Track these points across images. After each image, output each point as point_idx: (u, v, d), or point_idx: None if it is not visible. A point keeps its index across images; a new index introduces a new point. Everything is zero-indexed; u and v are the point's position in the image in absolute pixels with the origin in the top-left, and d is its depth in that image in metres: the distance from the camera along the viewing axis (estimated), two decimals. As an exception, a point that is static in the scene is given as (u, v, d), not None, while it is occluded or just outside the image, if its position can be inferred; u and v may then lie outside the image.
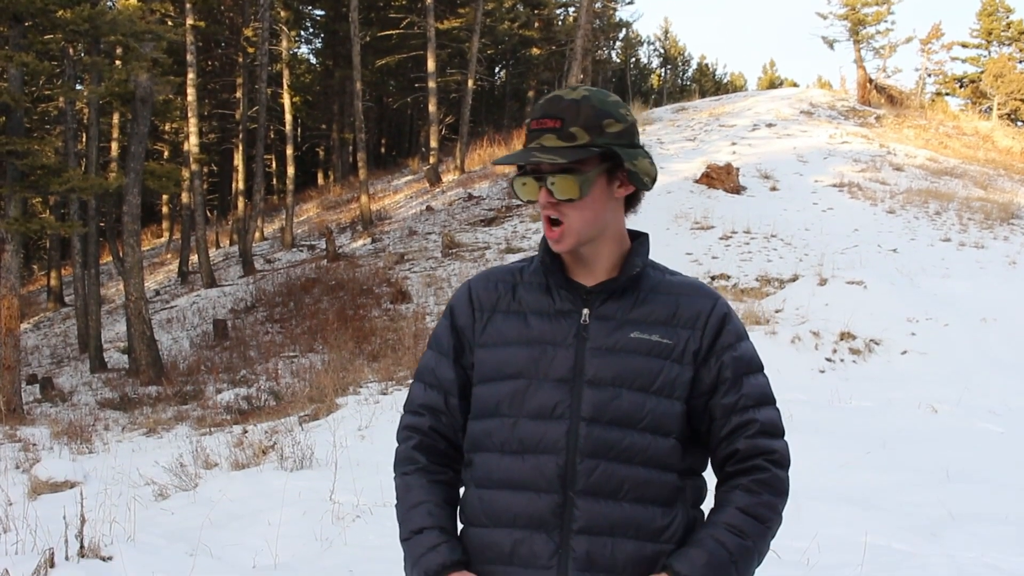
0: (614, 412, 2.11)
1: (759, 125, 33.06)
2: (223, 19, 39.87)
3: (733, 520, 2.11)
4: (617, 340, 2.15)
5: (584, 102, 2.10)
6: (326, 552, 6.50)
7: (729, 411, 2.17)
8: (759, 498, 2.13)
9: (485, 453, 2.20)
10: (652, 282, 2.23)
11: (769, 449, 2.17)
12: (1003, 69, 45.59)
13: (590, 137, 2.08)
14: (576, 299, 2.20)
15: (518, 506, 2.13)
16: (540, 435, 2.12)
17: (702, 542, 2.10)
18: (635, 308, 2.19)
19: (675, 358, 2.16)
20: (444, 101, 42.38)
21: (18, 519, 6.79)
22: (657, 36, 74.50)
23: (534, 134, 2.10)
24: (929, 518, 6.51)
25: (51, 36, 19.14)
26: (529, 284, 2.26)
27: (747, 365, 2.21)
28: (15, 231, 16.23)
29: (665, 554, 2.12)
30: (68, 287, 34.90)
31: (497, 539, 2.15)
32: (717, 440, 2.20)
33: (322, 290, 22.48)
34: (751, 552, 2.11)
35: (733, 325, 2.23)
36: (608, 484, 2.10)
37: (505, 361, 2.19)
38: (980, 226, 20.92)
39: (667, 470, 2.14)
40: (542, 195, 2.11)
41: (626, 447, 2.10)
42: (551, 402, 2.13)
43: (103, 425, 14.28)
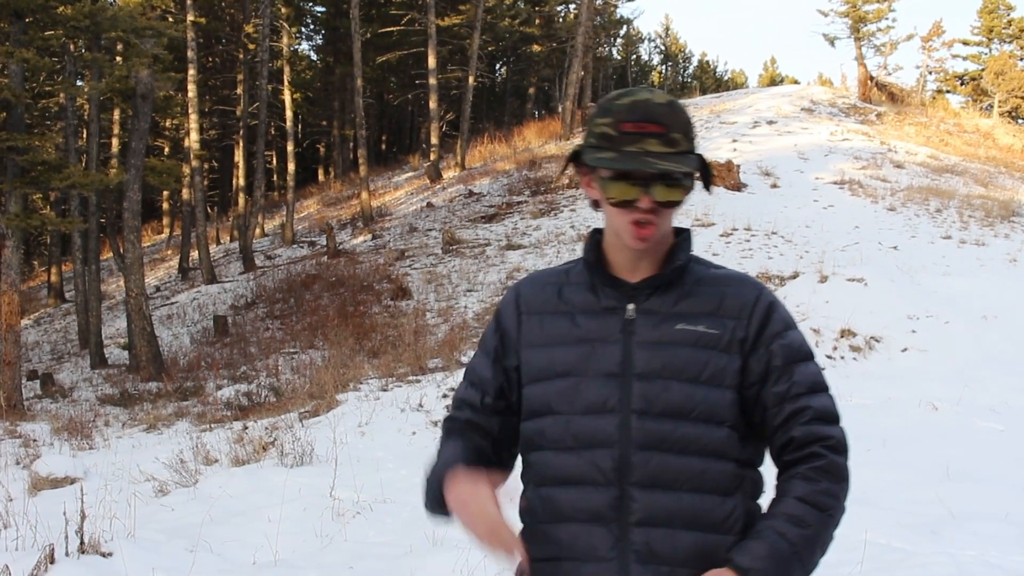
0: (664, 403, 2.12)
1: (760, 122, 33.05)
2: (224, 15, 39.87)
3: (793, 510, 2.10)
4: (664, 333, 2.16)
5: (675, 107, 2.10)
6: (326, 548, 6.50)
7: (781, 399, 2.17)
8: (818, 486, 2.12)
9: (540, 452, 2.22)
10: (696, 275, 2.24)
11: (825, 435, 2.17)
12: (1004, 67, 45.59)
13: (686, 143, 2.10)
14: (621, 295, 2.21)
15: (576, 501, 2.15)
16: (593, 430, 2.14)
17: (762, 534, 2.09)
18: (680, 301, 2.19)
19: (722, 348, 2.16)
20: (445, 98, 42.35)
21: (18, 515, 6.78)
22: (658, 33, 74.49)
23: (632, 137, 2.07)
24: (929, 517, 6.51)
25: (52, 32, 19.14)
26: (575, 284, 2.27)
27: (796, 353, 2.21)
28: (16, 227, 16.23)
29: (725, 545, 2.12)
30: (68, 283, 34.91)
31: (557, 534, 2.17)
32: (772, 429, 2.19)
33: (322, 286, 22.49)
34: (814, 541, 2.10)
35: (780, 314, 2.23)
36: (664, 475, 2.11)
37: (554, 360, 2.20)
38: (981, 224, 20.91)
39: (723, 459, 2.14)
40: (644, 200, 2.08)
41: (679, 437, 2.11)
42: (601, 397, 2.14)
43: (103, 421, 14.30)
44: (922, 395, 10.84)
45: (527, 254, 21.23)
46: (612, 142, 2.09)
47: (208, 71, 41.35)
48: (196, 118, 30.15)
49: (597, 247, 2.26)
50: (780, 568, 2.05)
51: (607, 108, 2.12)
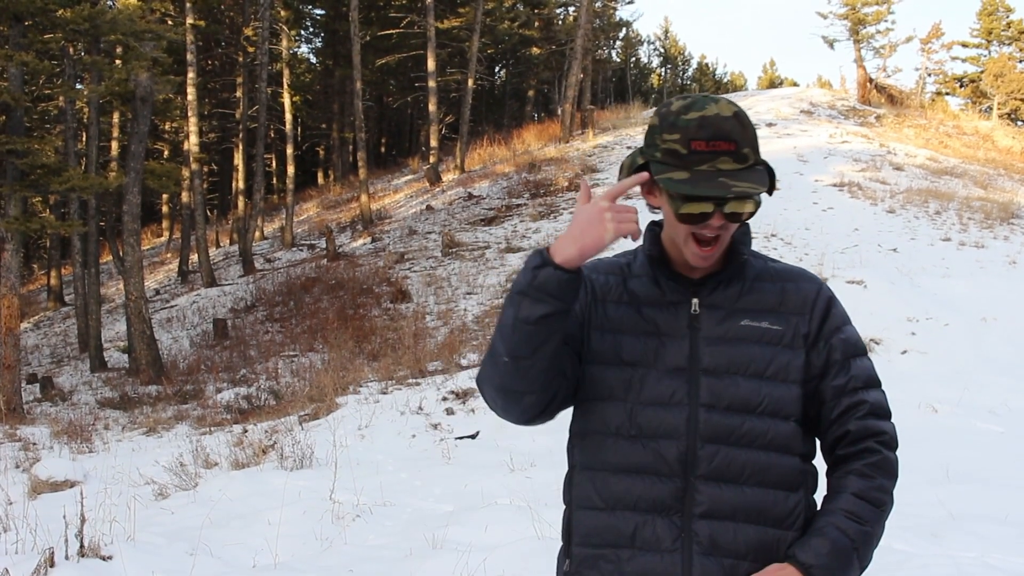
0: (731, 398, 2.14)
1: (759, 124, 33.04)
2: (223, 18, 39.87)
3: (850, 506, 2.14)
4: (728, 329, 2.18)
5: (741, 119, 2.07)
6: (326, 551, 6.50)
7: (839, 392, 2.21)
8: (873, 482, 2.18)
9: (599, 436, 2.21)
10: (756, 270, 2.27)
11: (879, 430, 2.23)
12: (1003, 69, 45.60)
13: (755, 157, 2.09)
14: (684, 290, 2.22)
15: (639, 490, 2.15)
16: (659, 421, 2.15)
17: (823, 531, 2.12)
18: (743, 296, 2.22)
19: (786, 343, 2.19)
20: (444, 100, 42.39)
21: (18, 518, 6.78)
22: (657, 35, 74.64)
23: (705, 156, 2.04)
24: (929, 518, 6.51)
25: (51, 35, 19.16)
26: (637, 276, 2.28)
27: (854, 347, 2.25)
28: (15, 230, 16.23)
29: (786, 540, 2.15)
30: (68, 286, 34.91)
31: (616, 522, 2.16)
32: (828, 422, 2.23)
33: (322, 289, 22.49)
34: (870, 537, 2.14)
35: (838, 309, 2.28)
36: (730, 469, 2.12)
37: (621, 347, 2.20)
38: (980, 226, 20.91)
39: (788, 454, 2.17)
40: (715, 219, 2.08)
41: (746, 431, 2.13)
42: (668, 390, 2.16)
43: (103, 424, 14.29)
44: (922, 397, 10.85)
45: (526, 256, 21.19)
46: (682, 160, 2.06)
47: (207, 74, 41.35)
48: (195, 121, 30.14)
49: (657, 241, 2.27)
50: (841, 564, 2.09)
51: (674, 123, 2.08)
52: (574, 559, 2.23)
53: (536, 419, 2.23)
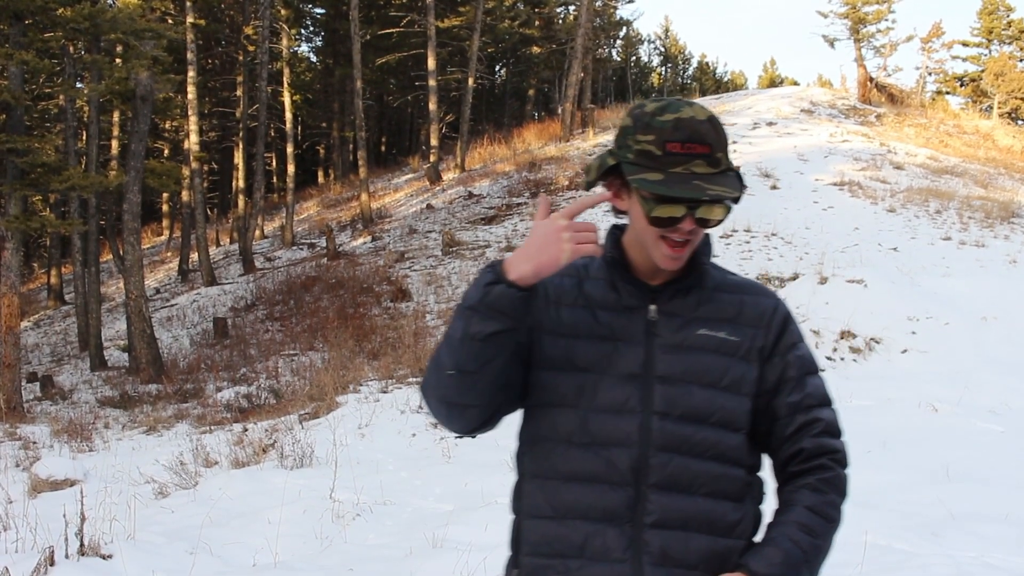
0: (685, 407, 2.12)
1: (759, 123, 33.05)
2: (223, 17, 39.87)
3: (803, 519, 2.13)
4: (685, 337, 2.16)
5: (715, 123, 2.07)
6: (326, 550, 6.50)
7: (794, 410, 2.19)
8: (826, 497, 2.16)
9: (550, 443, 2.18)
10: (715, 280, 2.24)
11: (833, 448, 2.21)
12: (1004, 68, 45.60)
13: (727, 162, 2.08)
14: (642, 295, 2.19)
15: (590, 499, 2.12)
16: (612, 428, 2.12)
17: (776, 541, 2.11)
18: (701, 305, 2.20)
19: (742, 355, 2.17)
20: (444, 99, 42.36)
21: (18, 517, 6.78)
22: (657, 34, 74.61)
23: (679, 158, 2.03)
24: (929, 518, 6.51)
25: (51, 34, 19.16)
26: (594, 280, 2.24)
27: (809, 365, 2.24)
28: (15, 229, 16.23)
29: (736, 550, 2.14)
30: (68, 285, 34.92)
31: (566, 532, 2.13)
32: (781, 439, 2.21)
33: (322, 288, 22.49)
34: (821, 550, 2.13)
35: (794, 326, 2.26)
36: (682, 478, 2.10)
37: (575, 352, 2.17)
38: (980, 225, 20.91)
39: (737, 465, 2.16)
40: (687, 222, 2.06)
41: (699, 441, 2.11)
42: (622, 397, 2.12)
43: (103, 423, 14.29)
44: (922, 396, 10.85)
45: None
46: (656, 162, 2.04)
47: (208, 73, 41.34)
48: (196, 120, 30.15)
49: (618, 245, 2.23)
50: (791, 574, 2.08)
51: (648, 124, 2.06)
52: (523, 569, 2.20)
53: (478, 430, 2.21)
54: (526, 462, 2.26)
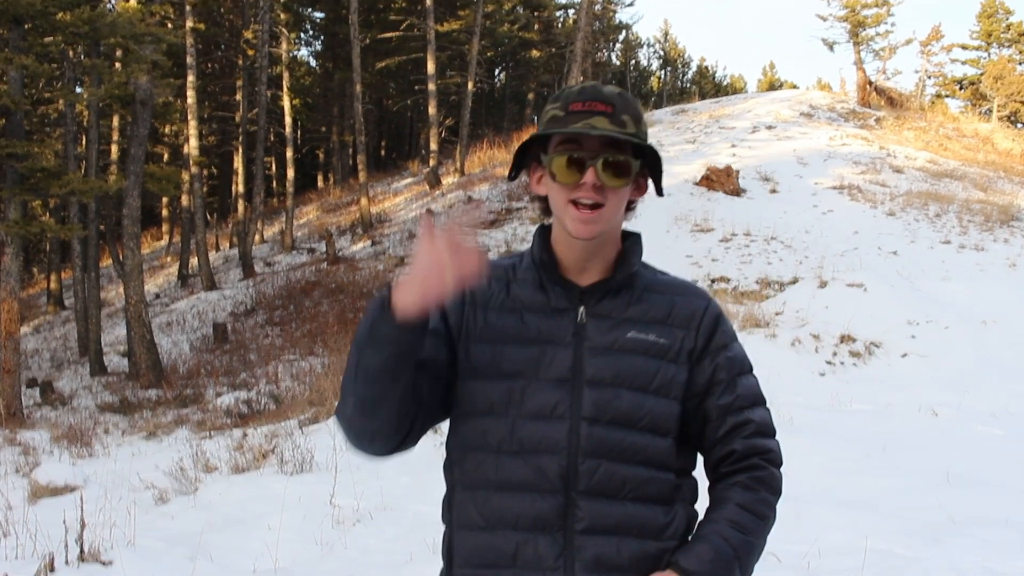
0: (614, 412, 2.09)
1: (759, 127, 33.07)
2: (223, 21, 39.89)
3: (734, 516, 2.11)
4: (615, 339, 2.13)
5: (625, 95, 2.10)
6: (326, 556, 6.50)
7: (725, 412, 2.17)
8: (757, 495, 2.15)
9: (479, 452, 2.15)
10: (645, 281, 2.22)
11: (765, 448, 2.19)
12: (1003, 71, 45.63)
13: (636, 128, 2.07)
14: (572, 297, 2.16)
15: (520, 508, 2.09)
16: (541, 435, 2.09)
17: (707, 538, 2.10)
18: (630, 307, 2.17)
19: (671, 358, 2.15)
20: (444, 103, 42.37)
21: (18, 523, 6.78)
22: (657, 38, 74.69)
23: (580, 115, 2.05)
24: (930, 522, 6.50)
25: (51, 38, 19.16)
26: (522, 281, 2.21)
27: (740, 365, 2.22)
28: (15, 234, 16.23)
29: (668, 551, 2.12)
30: (68, 290, 34.90)
31: (497, 542, 2.11)
32: (712, 441, 2.20)
33: (322, 293, 22.49)
34: (753, 547, 2.12)
35: (726, 325, 2.23)
36: (610, 484, 2.09)
37: (502, 359, 2.14)
38: (980, 228, 20.92)
39: (665, 469, 2.14)
40: (589, 175, 2.05)
41: (627, 447, 2.09)
42: (551, 402, 2.10)
43: (103, 429, 14.28)
44: (922, 400, 10.84)
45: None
46: (560, 122, 2.07)
47: (207, 77, 41.34)
48: (195, 124, 30.17)
49: (547, 245, 2.21)
50: (723, 571, 2.07)
51: (557, 96, 2.13)
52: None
53: (394, 452, 2.17)
54: (456, 472, 2.22)
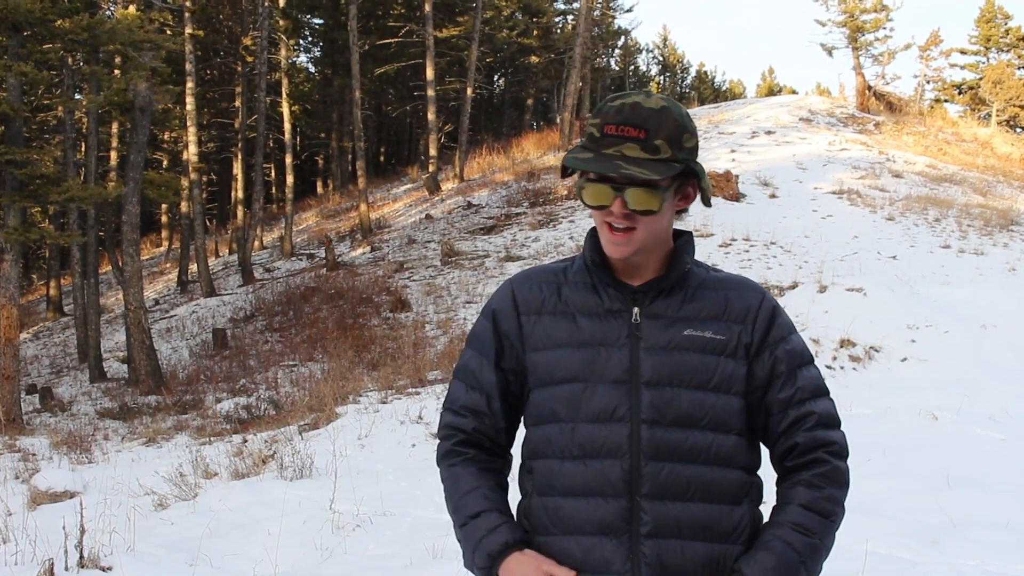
0: (675, 412, 2.09)
1: (758, 132, 33.09)
2: (222, 28, 39.96)
3: (798, 518, 2.10)
4: (671, 338, 2.13)
5: (666, 113, 2.06)
6: (326, 561, 6.48)
7: (786, 405, 2.16)
8: (822, 492, 2.12)
9: (546, 460, 2.17)
10: (699, 279, 2.22)
11: (828, 440, 2.17)
12: (1002, 75, 45.65)
13: (672, 151, 2.05)
14: (625, 298, 2.17)
15: (585, 512, 2.10)
16: (602, 439, 2.10)
17: (769, 544, 2.08)
18: (685, 305, 2.17)
19: (729, 353, 2.15)
20: (443, 109, 42.40)
21: (17, 529, 6.77)
22: (656, 44, 74.80)
23: (612, 140, 2.04)
24: (930, 525, 6.50)
25: (50, 46, 19.16)
26: (574, 284, 2.22)
27: (800, 357, 2.21)
28: (14, 240, 16.22)
29: (734, 554, 2.11)
30: (67, 297, 34.90)
31: (567, 547, 2.12)
32: (775, 435, 2.19)
33: (321, 299, 22.48)
34: (819, 549, 2.10)
35: (783, 318, 2.23)
36: (675, 486, 2.08)
37: (558, 364, 2.16)
38: (980, 233, 20.92)
39: (732, 467, 2.13)
40: (617, 205, 2.05)
41: (690, 447, 2.09)
42: (610, 405, 2.10)
43: (103, 435, 14.27)
44: (922, 404, 10.83)
45: (526, 265, 21.21)
46: (595, 143, 2.07)
47: (206, 84, 41.39)
48: (194, 131, 30.18)
49: (598, 247, 2.21)
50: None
51: (600, 109, 2.10)
52: None
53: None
54: (527, 481, 2.25)
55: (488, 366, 2.26)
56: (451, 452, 2.29)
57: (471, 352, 2.31)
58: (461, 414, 2.29)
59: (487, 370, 2.26)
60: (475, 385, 2.28)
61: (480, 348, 2.29)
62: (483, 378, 2.27)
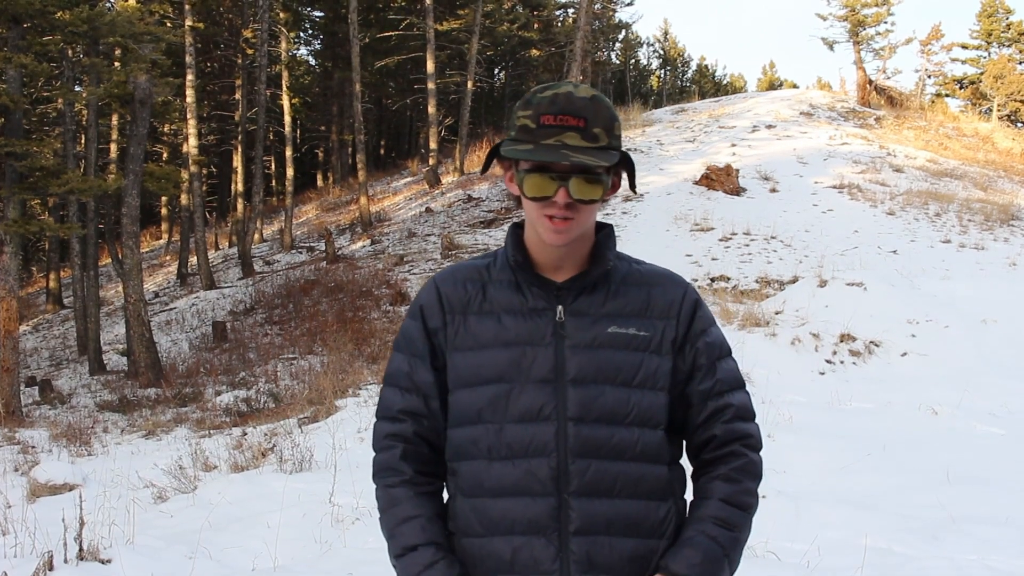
0: (600, 409, 2.09)
1: (759, 126, 33.06)
2: (222, 20, 39.88)
3: (720, 513, 2.13)
4: (595, 336, 2.13)
5: (598, 102, 2.06)
6: (325, 554, 6.48)
7: (706, 396, 2.18)
8: (740, 486, 2.16)
9: (472, 461, 2.15)
10: (621, 273, 2.21)
11: (745, 433, 2.20)
12: (1003, 70, 45.61)
13: (608, 139, 2.05)
14: (549, 296, 2.16)
15: (514, 512, 2.10)
16: (529, 438, 2.09)
17: (694, 540, 2.10)
18: (608, 301, 2.16)
19: (653, 349, 2.15)
20: (443, 102, 42.35)
21: (17, 522, 6.77)
22: (657, 37, 74.64)
23: (550, 130, 2.03)
24: (929, 520, 6.50)
25: (50, 37, 19.12)
26: (498, 282, 2.21)
27: (719, 350, 2.23)
28: (14, 233, 16.21)
29: (660, 550, 2.13)
30: (67, 289, 34.87)
31: (495, 548, 2.11)
32: (694, 426, 2.21)
33: (321, 292, 22.47)
34: (739, 541, 2.14)
35: (704, 311, 2.24)
36: (602, 483, 2.08)
37: (483, 365, 2.14)
38: (980, 228, 20.92)
39: (657, 463, 2.14)
40: (560, 195, 2.04)
41: (616, 444, 2.09)
42: (536, 404, 2.10)
43: (102, 427, 14.26)
44: (922, 399, 10.83)
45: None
46: (531, 135, 2.06)
47: (206, 76, 41.33)
48: (194, 123, 30.16)
49: (520, 244, 2.20)
50: (713, 571, 2.08)
51: (529, 100, 2.10)
52: None
53: None
54: (454, 482, 2.22)
55: (422, 366, 2.23)
56: (389, 470, 2.24)
57: (400, 356, 2.27)
58: (399, 419, 2.25)
59: (422, 370, 2.23)
60: (409, 388, 2.24)
61: (411, 349, 2.25)
62: (418, 379, 2.23)
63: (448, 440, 2.22)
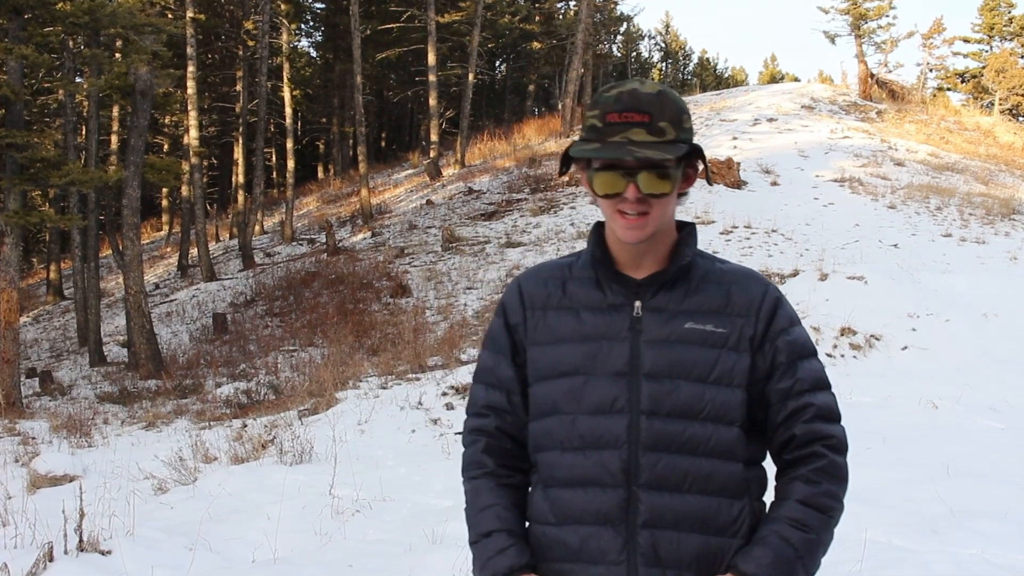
0: (673, 404, 2.10)
1: (760, 120, 33.03)
2: (223, 12, 39.82)
3: (795, 514, 2.11)
4: (672, 331, 2.14)
5: (664, 96, 2.07)
6: (325, 546, 6.48)
7: (785, 396, 2.17)
8: (819, 488, 2.13)
9: (547, 452, 2.20)
10: (702, 271, 2.22)
11: (826, 434, 2.17)
12: (1005, 64, 45.56)
13: (676, 132, 2.07)
14: (628, 292, 2.18)
15: (584, 502, 2.13)
16: (601, 430, 2.12)
17: (766, 540, 2.09)
18: (687, 298, 2.18)
19: (731, 346, 2.15)
20: (444, 95, 42.32)
21: (17, 513, 6.77)
22: (658, 30, 74.52)
23: (617, 127, 2.04)
24: (930, 515, 6.49)
25: (51, 28, 19.13)
26: (579, 279, 2.25)
27: (801, 349, 2.21)
28: (14, 224, 16.21)
29: (731, 549, 2.12)
30: (67, 280, 34.88)
31: (565, 536, 2.15)
32: (774, 426, 2.19)
33: (322, 284, 22.47)
34: (816, 545, 2.11)
35: (785, 310, 2.23)
36: (672, 477, 2.09)
37: (560, 358, 2.18)
38: (981, 222, 20.90)
39: (732, 460, 2.14)
40: (631, 191, 2.06)
41: (688, 438, 2.10)
42: (609, 397, 2.12)
43: (102, 419, 14.27)
44: (922, 393, 10.82)
45: (527, 251, 21.23)
46: (598, 133, 2.07)
47: (207, 68, 41.31)
48: (195, 115, 30.12)
49: (601, 242, 2.22)
50: (784, 573, 2.06)
51: (596, 100, 2.11)
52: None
53: None
54: (535, 474, 2.27)
55: (504, 362, 2.30)
56: (473, 463, 2.34)
57: (487, 353, 2.35)
58: (483, 414, 2.34)
59: (504, 366, 2.30)
60: (494, 383, 2.32)
61: (495, 346, 2.33)
62: (501, 374, 2.30)
63: (529, 433, 2.27)
